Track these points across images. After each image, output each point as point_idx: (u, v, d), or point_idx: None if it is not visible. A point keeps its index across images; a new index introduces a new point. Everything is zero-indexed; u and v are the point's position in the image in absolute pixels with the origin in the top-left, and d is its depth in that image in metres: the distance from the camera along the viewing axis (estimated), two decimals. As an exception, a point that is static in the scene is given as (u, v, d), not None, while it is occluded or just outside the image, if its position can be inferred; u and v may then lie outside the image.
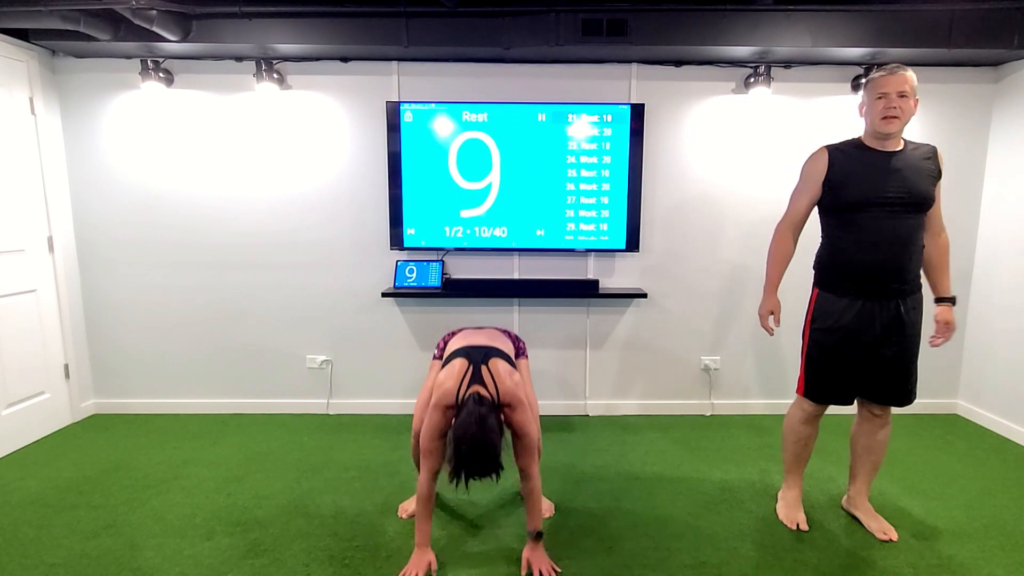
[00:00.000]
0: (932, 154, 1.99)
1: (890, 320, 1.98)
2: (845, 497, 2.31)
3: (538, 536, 1.93)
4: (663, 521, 2.24)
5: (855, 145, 2.02)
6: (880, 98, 1.92)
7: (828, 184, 2.02)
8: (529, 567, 1.92)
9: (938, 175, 1.98)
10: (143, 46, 2.89)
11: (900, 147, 1.98)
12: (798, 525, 2.18)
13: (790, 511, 2.24)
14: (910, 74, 1.90)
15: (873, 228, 1.94)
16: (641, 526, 2.21)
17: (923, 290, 2.06)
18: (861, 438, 2.18)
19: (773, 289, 2.16)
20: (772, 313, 2.16)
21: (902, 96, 1.89)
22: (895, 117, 1.90)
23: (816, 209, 2.11)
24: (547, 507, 2.30)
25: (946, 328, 2.05)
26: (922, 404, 3.41)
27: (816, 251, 2.13)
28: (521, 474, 1.94)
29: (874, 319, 1.98)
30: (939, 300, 2.07)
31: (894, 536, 2.11)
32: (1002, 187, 3.14)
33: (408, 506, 2.29)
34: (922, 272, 2.06)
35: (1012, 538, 2.14)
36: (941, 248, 2.06)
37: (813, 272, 2.14)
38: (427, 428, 1.88)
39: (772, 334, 2.20)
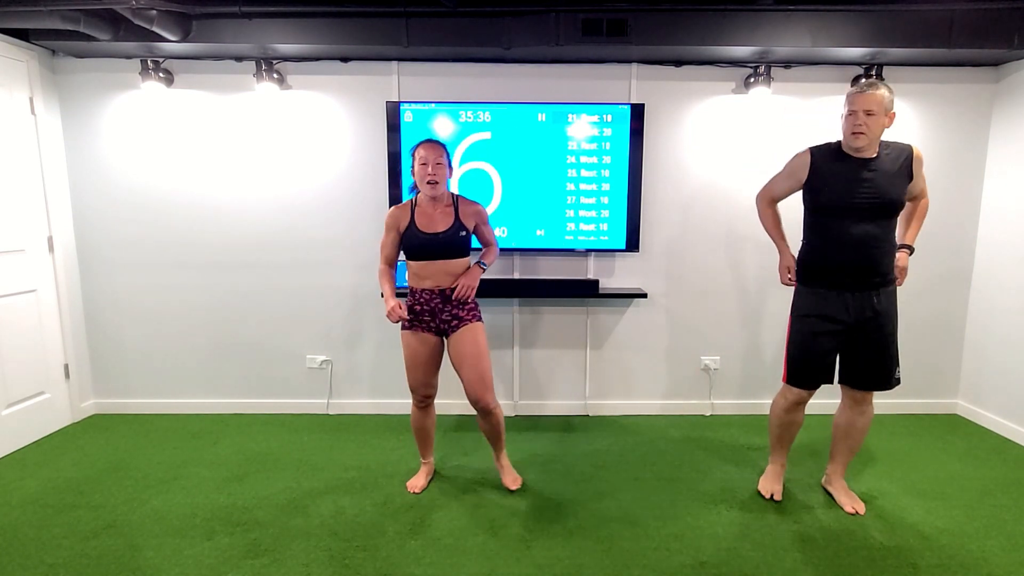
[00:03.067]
0: (907, 154, 2.10)
1: (864, 310, 2.15)
2: (824, 476, 2.46)
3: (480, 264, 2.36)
4: (663, 521, 2.24)
5: (835, 150, 2.16)
6: (850, 114, 2.04)
7: (808, 186, 2.19)
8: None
9: (911, 175, 2.11)
10: (143, 46, 2.89)
11: (875, 154, 2.09)
12: (772, 495, 2.40)
13: (768, 482, 2.46)
14: (881, 92, 2.00)
15: (846, 231, 2.10)
16: (641, 526, 2.21)
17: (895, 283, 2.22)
18: (843, 423, 2.33)
19: (785, 247, 2.33)
20: (789, 268, 2.31)
21: (869, 114, 2.00)
22: (861, 133, 2.02)
23: (801, 208, 2.26)
24: (515, 479, 2.51)
25: (901, 271, 2.23)
26: (922, 404, 3.42)
27: (799, 249, 2.30)
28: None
29: (849, 310, 2.15)
30: (901, 246, 2.23)
31: (861, 510, 2.29)
32: (1002, 187, 3.14)
33: (415, 482, 2.49)
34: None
35: (1012, 538, 2.14)
36: (920, 207, 2.24)
37: (796, 268, 2.32)
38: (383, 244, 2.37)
39: (792, 283, 2.32)
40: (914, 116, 3.18)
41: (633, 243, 3.16)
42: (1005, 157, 3.12)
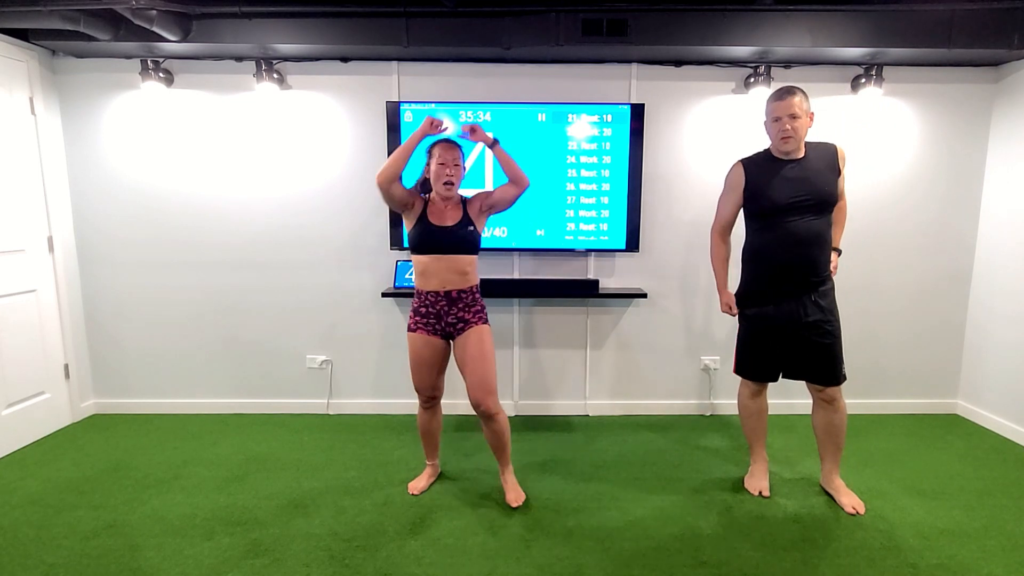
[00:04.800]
0: (832, 152, 2.22)
1: (806, 308, 2.23)
2: (821, 477, 2.49)
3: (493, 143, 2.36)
4: (663, 521, 2.24)
5: (765, 157, 2.27)
6: (776, 120, 2.16)
7: (747, 194, 2.29)
8: None
9: (839, 171, 2.21)
10: (143, 46, 2.89)
11: (803, 154, 2.21)
12: (760, 492, 2.45)
13: (754, 480, 2.50)
14: (798, 97, 2.12)
15: (786, 231, 2.19)
16: (641, 526, 2.21)
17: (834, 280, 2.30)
18: (820, 423, 2.38)
19: (724, 286, 2.45)
20: (729, 305, 2.43)
21: (793, 118, 2.12)
22: (789, 137, 2.14)
23: (742, 213, 2.36)
24: (517, 496, 2.38)
25: (833, 270, 2.31)
26: (922, 404, 3.42)
27: (741, 250, 2.38)
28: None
29: (792, 306, 2.24)
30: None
31: (861, 509, 2.31)
32: (1002, 187, 3.14)
33: (416, 483, 2.47)
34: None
35: (1012, 538, 2.14)
36: (840, 210, 2.32)
37: (740, 266, 2.39)
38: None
39: (735, 315, 2.43)
40: (914, 116, 3.18)
41: (633, 243, 3.16)
42: (1005, 157, 3.12)
